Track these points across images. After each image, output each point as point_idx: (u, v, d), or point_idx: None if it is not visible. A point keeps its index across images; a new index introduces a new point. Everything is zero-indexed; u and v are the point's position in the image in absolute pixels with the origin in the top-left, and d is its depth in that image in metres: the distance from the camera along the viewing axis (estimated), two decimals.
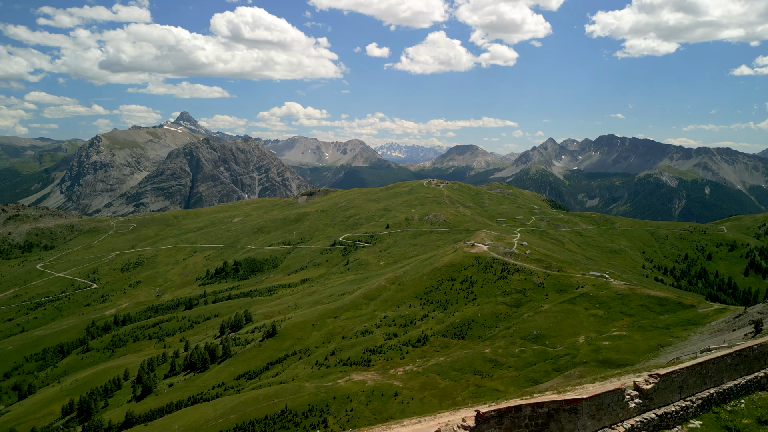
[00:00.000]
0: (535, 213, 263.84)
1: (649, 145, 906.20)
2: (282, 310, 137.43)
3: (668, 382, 15.67)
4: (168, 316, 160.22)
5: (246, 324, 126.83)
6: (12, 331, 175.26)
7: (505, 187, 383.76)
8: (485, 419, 12.62)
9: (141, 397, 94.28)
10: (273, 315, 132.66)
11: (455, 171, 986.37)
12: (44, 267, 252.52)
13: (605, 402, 14.04)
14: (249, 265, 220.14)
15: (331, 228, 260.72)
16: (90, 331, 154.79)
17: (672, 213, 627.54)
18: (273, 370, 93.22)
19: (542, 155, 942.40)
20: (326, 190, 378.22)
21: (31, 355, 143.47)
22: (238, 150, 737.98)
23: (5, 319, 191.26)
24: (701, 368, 16.43)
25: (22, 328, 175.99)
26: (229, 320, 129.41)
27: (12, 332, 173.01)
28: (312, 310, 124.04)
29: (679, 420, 15.54)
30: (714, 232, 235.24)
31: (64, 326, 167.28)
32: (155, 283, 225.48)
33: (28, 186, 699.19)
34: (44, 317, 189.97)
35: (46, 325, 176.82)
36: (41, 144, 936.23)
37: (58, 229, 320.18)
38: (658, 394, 15.50)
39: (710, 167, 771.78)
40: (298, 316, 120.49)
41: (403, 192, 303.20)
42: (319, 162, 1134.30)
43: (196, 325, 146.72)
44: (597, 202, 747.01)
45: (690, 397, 16.16)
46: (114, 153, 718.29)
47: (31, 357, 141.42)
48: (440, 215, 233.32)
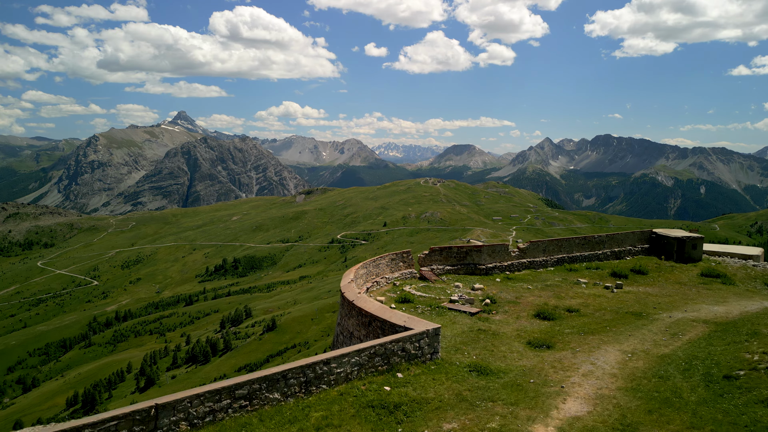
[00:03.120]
0: (530, 212, 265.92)
1: (646, 145, 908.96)
2: (281, 305, 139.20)
3: (536, 245, 26.35)
4: (168, 312, 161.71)
5: (246, 319, 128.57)
6: (15, 326, 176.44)
7: (501, 186, 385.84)
8: (433, 250, 23.69)
9: (144, 388, 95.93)
10: (272, 310, 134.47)
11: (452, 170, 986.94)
12: (45, 264, 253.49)
13: (497, 249, 24.88)
14: (248, 263, 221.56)
15: (328, 226, 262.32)
16: (92, 326, 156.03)
17: (668, 212, 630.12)
18: (273, 362, 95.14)
19: (539, 155, 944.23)
20: (324, 189, 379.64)
21: (34, 349, 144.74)
22: (236, 149, 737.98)
23: (8, 315, 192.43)
24: (558, 242, 27.07)
25: (25, 324, 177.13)
26: (230, 315, 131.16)
27: (15, 328, 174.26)
28: (311, 305, 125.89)
29: (542, 266, 25.96)
30: (707, 231, 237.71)
31: (66, 322, 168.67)
32: (155, 280, 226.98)
33: (25, 185, 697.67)
34: (46, 313, 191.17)
35: (48, 321, 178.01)
36: (38, 143, 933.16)
37: (58, 227, 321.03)
38: (529, 251, 26.01)
39: (706, 167, 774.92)
40: (297, 310, 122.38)
41: (400, 190, 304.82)
42: (317, 161, 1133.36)
43: (196, 321, 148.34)
44: (593, 202, 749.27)
45: (550, 256, 26.46)
46: (111, 152, 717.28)
47: (34, 352, 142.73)
48: (437, 213, 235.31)
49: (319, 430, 8.58)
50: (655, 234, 28.74)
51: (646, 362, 12.38)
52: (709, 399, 10.04)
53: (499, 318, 16.44)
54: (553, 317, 16.48)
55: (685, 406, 9.78)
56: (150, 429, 7.98)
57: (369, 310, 12.93)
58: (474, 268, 23.43)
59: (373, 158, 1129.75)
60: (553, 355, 12.90)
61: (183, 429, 8.32)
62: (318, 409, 9.19)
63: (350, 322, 13.99)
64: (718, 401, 9.93)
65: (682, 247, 27.22)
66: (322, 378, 9.87)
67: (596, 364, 12.24)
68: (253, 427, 8.51)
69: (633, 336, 14.59)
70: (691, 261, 26.98)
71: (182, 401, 8.31)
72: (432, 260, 22.93)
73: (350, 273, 17.15)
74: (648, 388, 10.73)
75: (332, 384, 10.01)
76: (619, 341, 14.11)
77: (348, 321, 14.23)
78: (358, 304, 13.52)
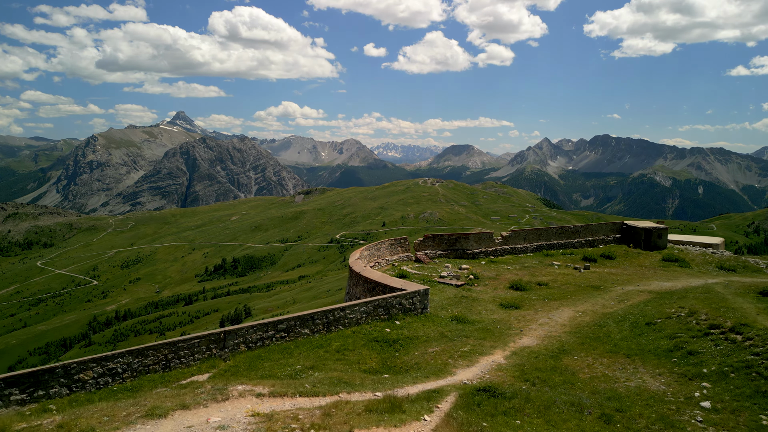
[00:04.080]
0: (528, 211, 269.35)
1: (644, 146, 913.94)
2: (280, 304, 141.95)
3: (517, 234, 30.08)
4: (168, 312, 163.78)
5: (245, 318, 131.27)
6: (15, 326, 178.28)
7: (499, 186, 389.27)
8: (427, 237, 27.24)
9: None
10: (272, 309, 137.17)
11: (451, 171, 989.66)
12: (44, 264, 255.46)
13: (483, 236, 28.07)
14: (247, 262, 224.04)
15: (327, 226, 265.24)
16: (92, 325, 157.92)
17: (666, 212, 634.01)
18: None
19: (537, 155, 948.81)
20: (323, 189, 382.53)
21: (34, 348, 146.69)
22: (235, 149, 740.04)
23: (7, 314, 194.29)
24: (537, 231, 30.84)
25: (25, 323, 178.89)
26: (229, 314, 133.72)
27: (15, 327, 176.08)
28: (310, 304, 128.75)
29: (522, 252, 29.62)
30: (704, 230, 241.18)
31: (65, 321, 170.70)
32: (155, 280, 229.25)
33: (24, 185, 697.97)
34: (46, 313, 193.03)
35: (48, 321, 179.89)
36: (37, 143, 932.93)
37: (57, 227, 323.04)
38: (512, 238, 29.59)
39: (704, 167, 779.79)
40: (297, 310, 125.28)
41: (399, 190, 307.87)
42: (316, 162, 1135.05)
43: (196, 320, 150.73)
44: (592, 202, 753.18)
45: (530, 243, 29.99)
46: (110, 152, 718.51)
47: (34, 351, 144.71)
48: (435, 213, 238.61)
49: (339, 352, 11.86)
50: (626, 225, 32.10)
51: (591, 318, 15.69)
52: (629, 336, 13.36)
53: (480, 289, 19.79)
54: (525, 288, 19.82)
55: (610, 341, 13.10)
56: (220, 347, 11.27)
57: (373, 278, 16.21)
58: (462, 253, 26.85)
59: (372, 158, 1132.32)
60: (519, 313, 16.24)
61: (242, 349, 11.61)
62: (337, 340, 12.49)
63: (357, 290, 17.26)
64: (635, 338, 13.25)
65: (649, 236, 30.57)
66: (339, 320, 13.15)
67: (552, 319, 15.56)
68: (291, 350, 11.78)
69: (587, 302, 17.91)
70: (656, 249, 30.33)
71: (242, 329, 11.60)
72: (426, 246, 26.31)
73: (356, 253, 20.43)
74: (586, 332, 14.05)
75: (346, 325, 13.31)
76: (575, 305, 17.43)
77: (355, 289, 17.49)
78: (364, 274, 16.80)
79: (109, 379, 10.06)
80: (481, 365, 11.47)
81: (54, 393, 9.46)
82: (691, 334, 12.80)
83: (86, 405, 8.32)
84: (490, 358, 11.89)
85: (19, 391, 9.11)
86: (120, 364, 10.19)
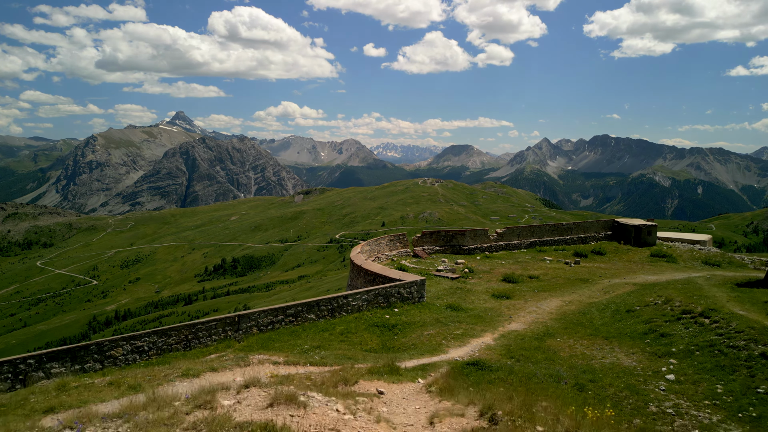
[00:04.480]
0: (528, 211, 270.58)
1: (643, 146, 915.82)
2: None
3: (511, 231, 31.71)
4: (168, 311, 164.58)
5: None
6: (15, 325, 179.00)
7: (499, 186, 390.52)
8: (425, 234, 28.93)
9: None
10: None
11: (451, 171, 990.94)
12: (44, 264, 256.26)
13: (478, 233, 30.17)
14: (247, 262, 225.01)
15: (327, 226, 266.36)
16: (92, 325, 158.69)
17: (665, 212, 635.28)
18: None
19: (537, 155, 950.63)
20: (323, 189, 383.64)
21: (34, 348, 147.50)
22: (234, 149, 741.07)
23: (7, 314, 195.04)
24: (531, 228, 32.53)
25: (25, 323, 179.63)
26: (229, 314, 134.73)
27: (15, 327, 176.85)
28: None
29: (516, 248, 30.99)
30: (703, 230, 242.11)
31: (65, 321, 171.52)
32: (154, 280, 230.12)
33: (23, 185, 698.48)
34: (46, 312, 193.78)
35: (47, 321, 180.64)
36: (36, 143, 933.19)
37: (57, 227, 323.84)
38: (506, 235, 31.20)
39: (703, 167, 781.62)
40: None
41: (398, 190, 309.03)
42: (315, 162, 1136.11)
43: (195, 320, 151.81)
44: (591, 202, 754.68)
45: (523, 240, 31.42)
46: (110, 152, 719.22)
47: (34, 350, 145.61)
48: (435, 213, 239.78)
49: (342, 335, 13.03)
50: (617, 222, 33.31)
51: (577, 306, 16.88)
52: (609, 322, 14.55)
53: (474, 281, 20.99)
54: (517, 281, 21.01)
55: (591, 326, 14.29)
56: (235, 329, 12.44)
57: (373, 270, 17.37)
58: (459, 249, 28.10)
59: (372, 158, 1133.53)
60: (509, 302, 17.43)
61: (254, 331, 12.79)
62: (341, 324, 13.67)
63: (359, 281, 18.42)
64: (615, 323, 14.44)
65: (639, 233, 31.77)
66: (342, 307, 14.32)
67: (540, 307, 16.74)
68: (299, 332, 12.95)
69: (575, 293, 19.10)
70: (646, 245, 31.54)
71: (254, 314, 12.77)
72: (424, 242, 27.54)
73: (357, 248, 21.59)
74: (570, 318, 15.24)
75: (349, 312, 14.48)
76: (563, 296, 18.62)
77: (357, 281, 18.66)
78: (365, 267, 17.96)
79: (137, 356, 11.22)
80: (471, 345, 12.68)
81: (89, 368, 10.62)
82: (665, 318, 13.98)
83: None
84: (480, 339, 13.07)
85: (58, 365, 10.26)
86: (146, 343, 11.35)
